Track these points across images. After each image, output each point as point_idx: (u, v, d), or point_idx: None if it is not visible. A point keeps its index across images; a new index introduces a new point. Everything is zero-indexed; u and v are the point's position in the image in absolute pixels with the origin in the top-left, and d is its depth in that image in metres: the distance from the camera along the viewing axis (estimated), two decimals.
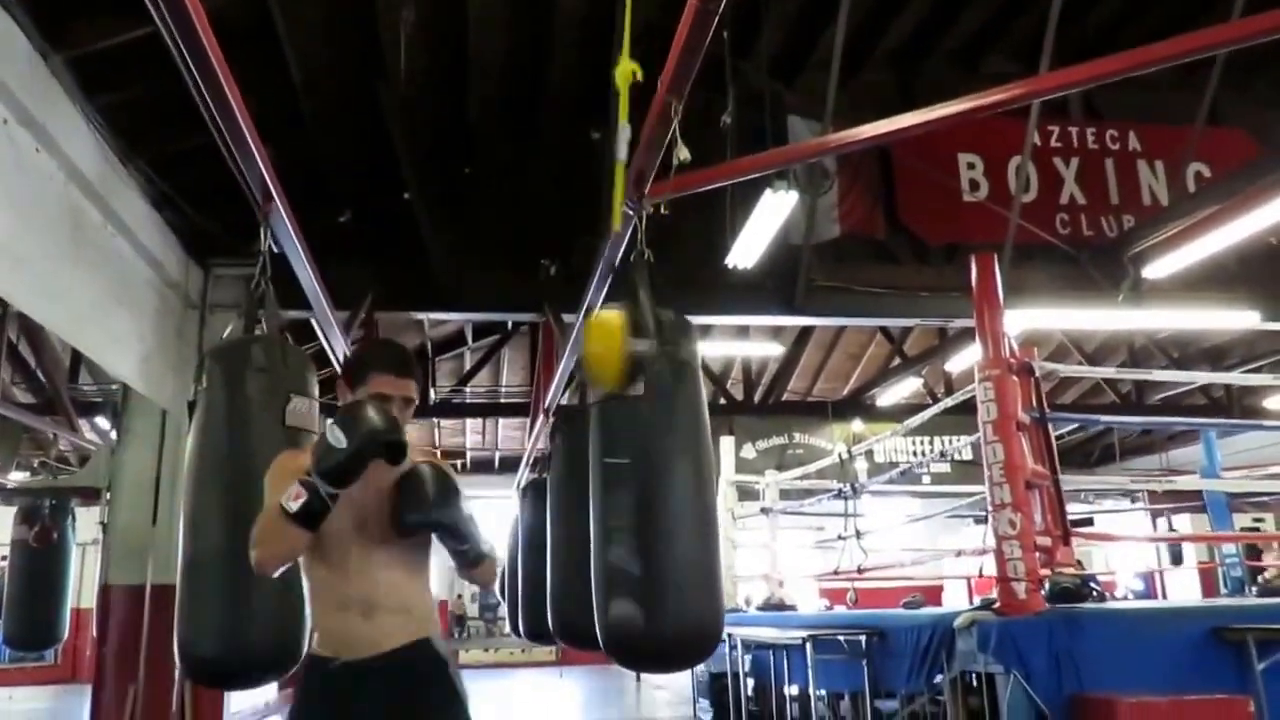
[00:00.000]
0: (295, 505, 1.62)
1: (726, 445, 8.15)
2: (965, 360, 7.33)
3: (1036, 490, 3.83)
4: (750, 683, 6.20)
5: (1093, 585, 4.06)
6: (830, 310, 5.90)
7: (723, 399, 9.37)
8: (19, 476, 8.93)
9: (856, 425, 9.16)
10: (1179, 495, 9.45)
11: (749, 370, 9.83)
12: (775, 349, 9.21)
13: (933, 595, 10.91)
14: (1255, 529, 9.44)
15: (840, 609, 8.35)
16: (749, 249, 4.90)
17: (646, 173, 2.83)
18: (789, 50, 5.64)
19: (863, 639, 4.52)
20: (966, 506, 6.73)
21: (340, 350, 4.42)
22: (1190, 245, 4.99)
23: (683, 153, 2.65)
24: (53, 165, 3.52)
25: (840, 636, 4.67)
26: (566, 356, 4.69)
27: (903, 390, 9.54)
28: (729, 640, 6.10)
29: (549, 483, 3.92)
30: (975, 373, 3.93)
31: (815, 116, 5.03)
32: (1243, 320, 6.16)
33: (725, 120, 4.34)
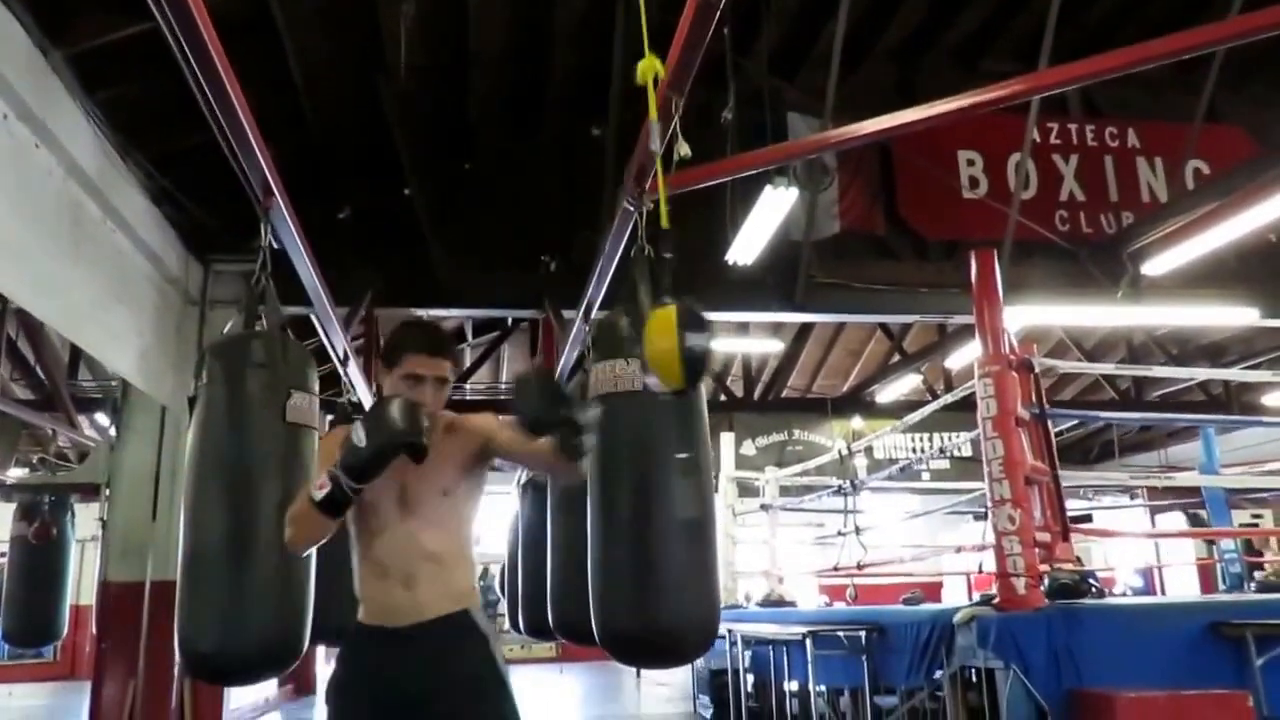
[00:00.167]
0: (320, 495, 1.69)
1: (727, 441, 8.14)
2: (965, 357, 7.33)
3: (1036, 486, 3.83)
4: (750, 679, 6.21)
5: (1092, 581, 4.06)
6: (830, 307, 5.90)
7: (723, 395, 9.37)
8: (18, 473, 8.93)
9: (856, 422, 9.15)
10: (1178, 491, 9.48)
11: (749, 367, 9.83)
12: (775, 345, 9.21)
13: (932, 591, 10.92)
14: (1254, 525, 9.45)
15: (840, 605, 8.36)
16: (749, 245, 4.90)
17: (647, 169, 2.83)
18: (789, 47, 5.63)
19: (862, 635, 4.52)
20: (966, 503, 6.75)
21: (340, 347, 4.42)
22: (1189, 242, 4.99)
23: (683, 149, 2.65)
24: (52, 161, 3.52)
25: (840, 632, 4.67)
26: (567, 353, 4.69)
27: (902, 387, 9.53)
28: (729, 636, 6.10)
29: (549, 479, 3.92)
30: (975, 369, 3.93)
31: (815, 113, 5.03)
32: (1241, 317, 6.16)
33: (726, 116, 4.34)
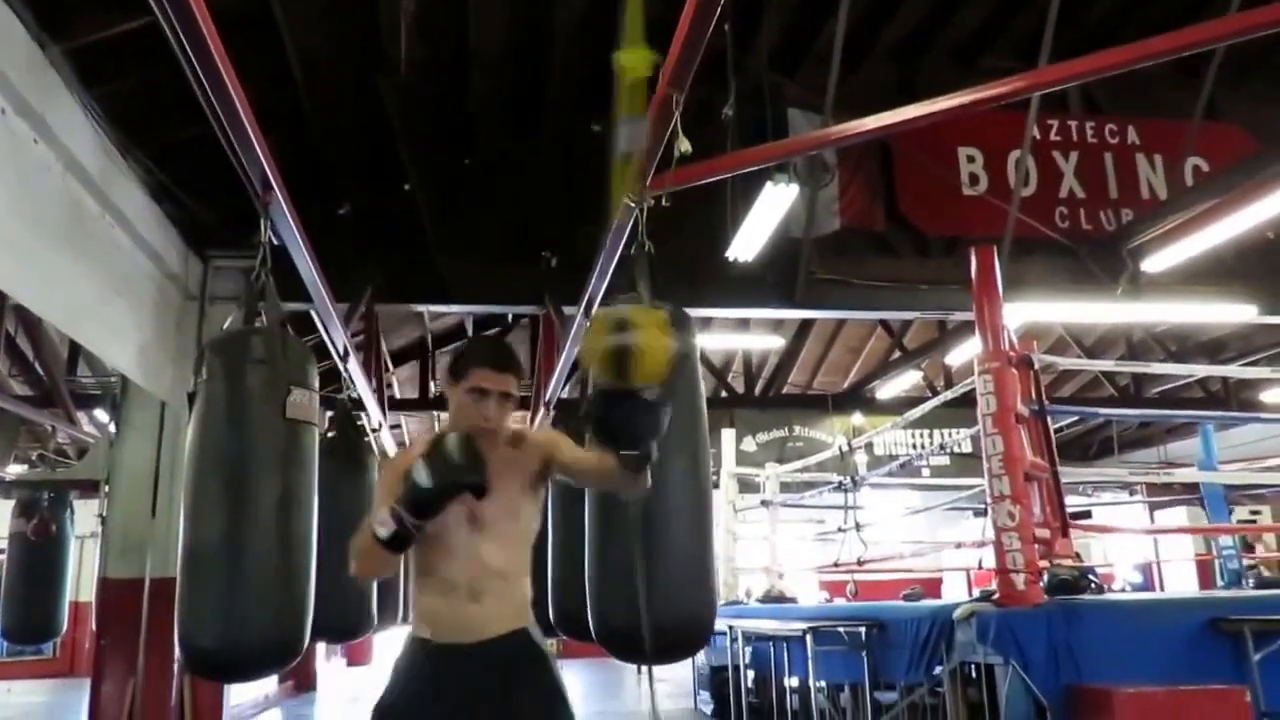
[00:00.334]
0: (384, 532, 1.71)
1: (727, 438, 8.14)
2: (965, 353, 7.34)
3: (1035, 482, 3.83)
4: (750, 674, 6.22)
5: (1091, 577, 4.07)
6: (830, 303, 5.89)
7: (724, 392, 9.37)
8: (17, 469, 8.93)
9: (856, 418, 9.16)
10: (1177, 488, 9.48)
11: (749, 363, 9.82)
12: (776, 342, 9.20)
13: (932, 587, 10.94)
14: (1252, 522, 9.47)
15: (840, 601, 8.37)
16: (749, 242, 4.89)
17: (647, 165, 2.83)
18: (790, 43, 5.62)
19: (862, 631, 4.53)
20: (966, 499, 6.77)
21: (340, 343, 4.41)
22: (1188, 239, 4.99)
23: (684, 145, 2.65)
24: (51, 156, 3.51)
25: (840, 628, 4.68)
26: (567, 349, 4.69)
27: (903, 383, 9.54)
28: (730, 633, 6.11)
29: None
30: (975, 366, 3.93)
31: (816, 109, 5.01)
32: (1240, 314, 6.16)
33: (726, 113, 4.33)
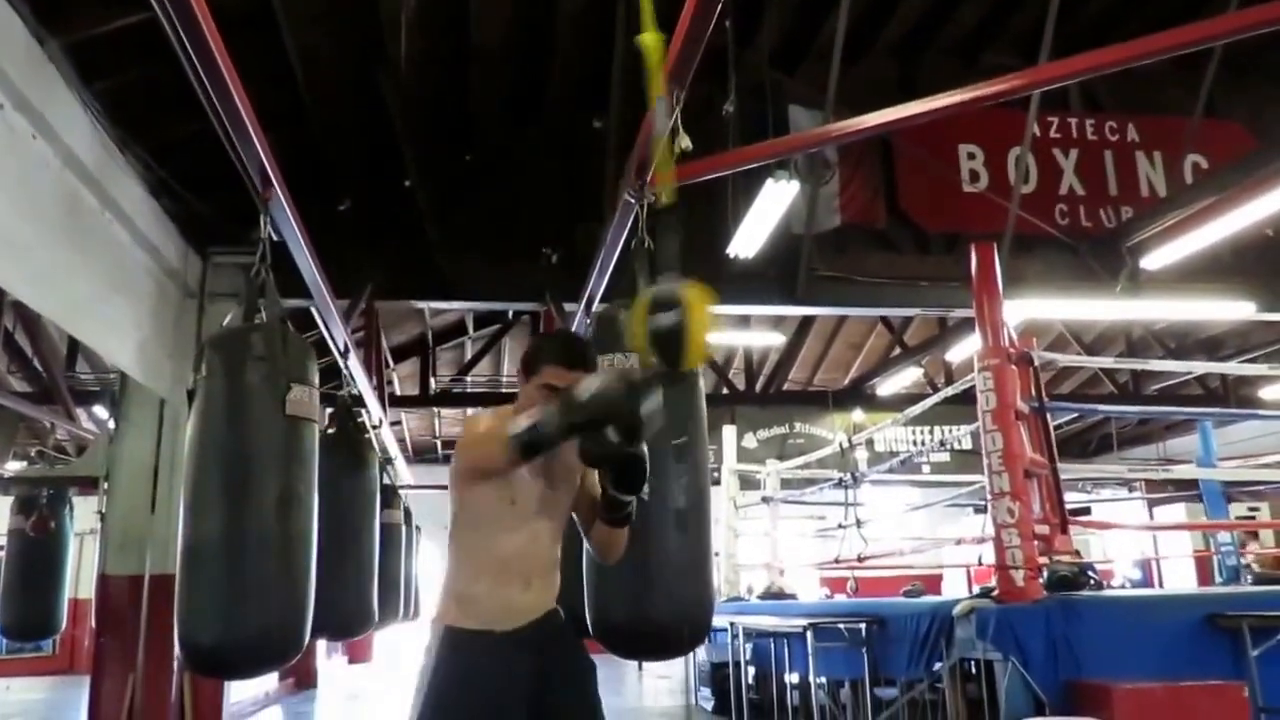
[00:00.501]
0: (520, 427, 1.65)
1: (728, 434, 8.15)
2: (965, 350, 7.33)
3: (1035, 479, 3.84)
4: (751, 671, 6.23)
5: (1090, 573, 4.07)
6: (831, 300, 5.90)
7: (725, 388, 9.37)
8: (16, 466, 8.92)
9: (857, 415, 9.17)
10: (1175, 484, 9.50)
11: (750, 360, 9.83)
12: (776, 338, 9.20)
13: (932, 584, 10.96)
14: (1251, 518, 9.49)
15: (841, 597, 8.39)
16: (750, 238, 4.89)
17: (648, 162, 2.82)
18: (791, 40, 5.61)
19: (863, 627, 4.54)
20: (966, 495, 6.78)
21: (341, 339, 4.41)
22: (1187, 236, 4.99)
23: (684, 142, 2.64)
24: (49, 151, 3.49)
25: (840, 625, 4.69)
26: None
27: (903, 380, 9.54)
28: (730, 629, 6.12)
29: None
30: (975, 362, 3.94)
31: (817, 106, 5.01)
32: (1238, 311, 6.16)
33: (727, 109, 4.32)
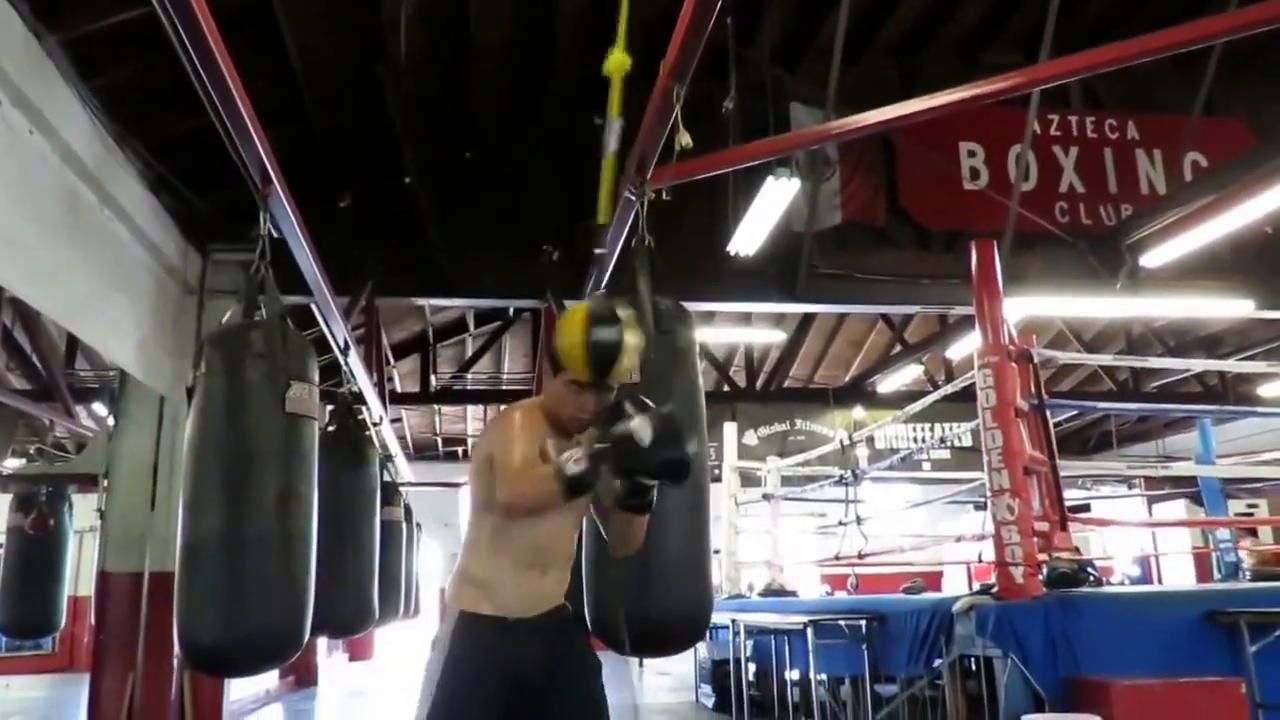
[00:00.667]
0: (575, 469, 1.69)
1: (729, 432, 8.15)
2: (966, 347, 7.34)
3: (1035, 476, 3.84)
4: (752, 668, 6.24)
5: (1090, 570, 4.08)
6: (832, 297, 5.90)
7: (726, 386, 9.37)
8: (15, 463, 8.91)
9: (858, 412, 9.17)
10: (1174, 481, 9.51)
11: (751, 357, 9.82)
12: (777, 336, 9.20)
13: (933, 580, 10.97)
14: (1249, 515, 9.50)
15: (841, 594, 8.39)
16: (751, 236, 4.88)
17: (648, 159, 2.82)
18: (791, 37, 5.60)
19: (863, 624, 4.55)
20: (966, 492, 6.77)
21: (341, 336, 4.40)
22: (1187, 234, 4.98)
23: (684, 139, 2.64)
24: (47, 147, 3.48)
25: (841, 621, 4.69)
26: None
27: (904, 377, 9.55)
28: (731, 626, 6.13)
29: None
30: (975, 360, 3.94)
31: (818, 103, 5.00)
32: (1237, 309, 6.17)
33: (727, 107, 4.31)
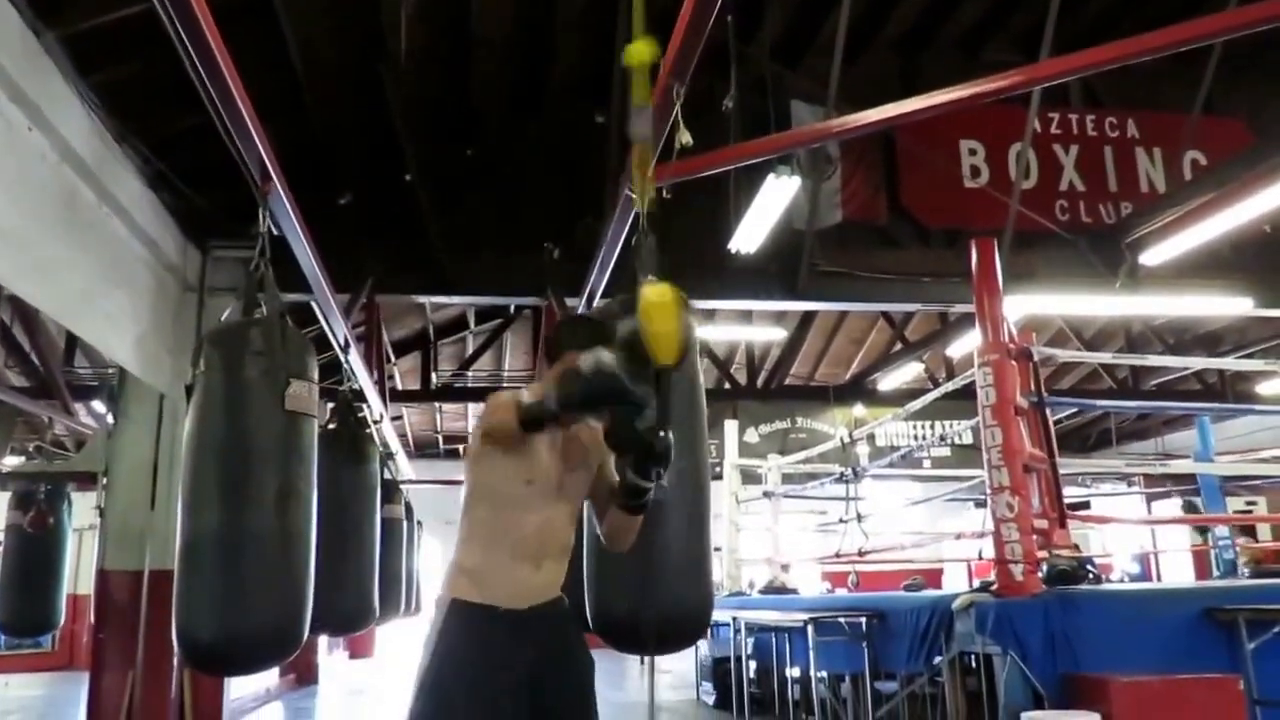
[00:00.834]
0: (529, 401, 1.76)
1: (730, 429, 8.16)
2: (966, 345, 7.33)
3: (1034, 474, 3.84)
4: (753, 665, 6.25)
5: (1089, 567, 4.08)
6: (832, 295, 5.90)
7: (726, 383, 9.36)
8: (14, 461, 8.90)
9: (858, 410, 9.17)
10: (1174, 479, 9.52)
11: (752, 355, 9.81)
12: (778, 333, 9.20)
13: (933, 578, 10.99)
14: (1248, 512, 9.52)
15: (842, 592, 8.41)
16: (752, 234, 4.87)
17: (649, 156, 2.81)
18: (792, 35, 5.59)
19: (863, 621, 4.56)
20: (966, 490, 6.77)
21: (341, 334, 4.39)
22: (1186, 232, 4.98)
23: (685, 137, 2.63)
24: (45, 144, 3.47)
25: (841, 619, 4.70)
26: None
27: (904, 375, 9.55)
28: (732, 623, 6.14)
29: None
30: (975, 357, 3.94)
31: (818, 101, 4.99)
32: (1236, 306, 6.18)
33: (728, 104, 4.30)
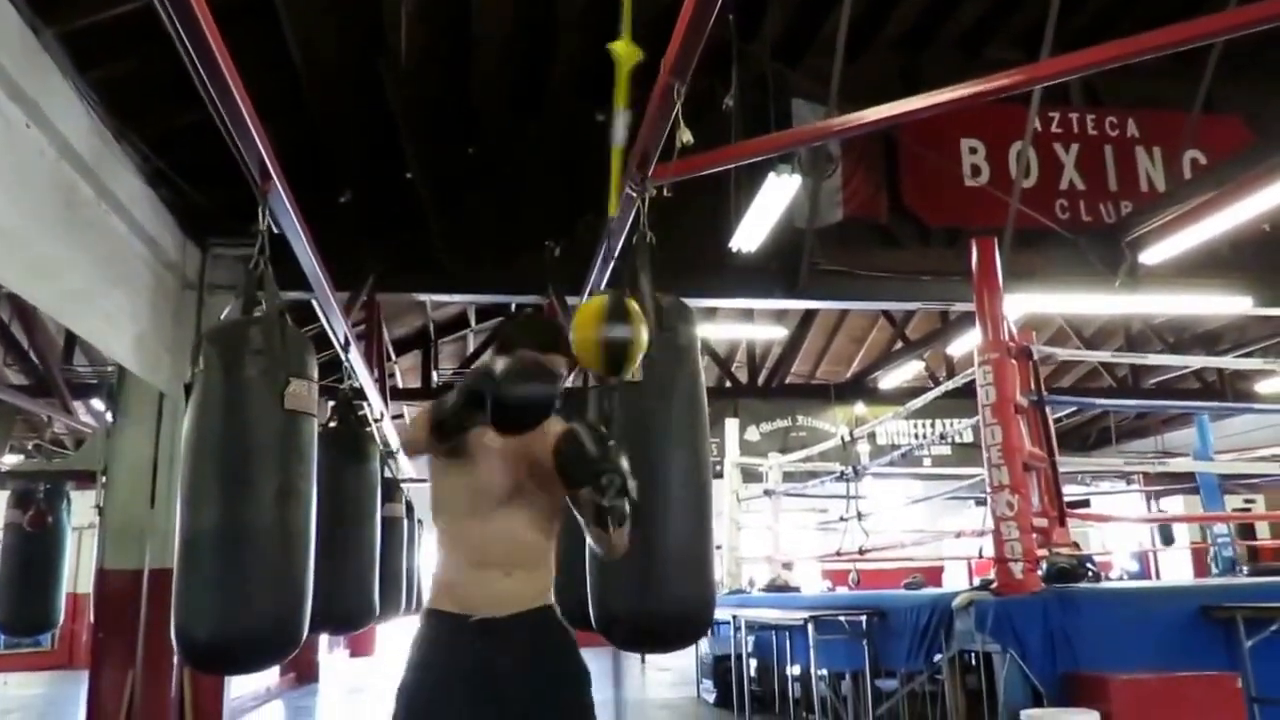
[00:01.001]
0: (438, 409, 1.74)
1: (731, 428, 8.16)
2: (967, 344, 7.34)
3: (1034, 472, 3.85)
4: (753, 663, 6.26)
5: (1089, 565, 4.09)
6: (833, 293, 5.89)
7: (727, 382, 9.37)
8: (13, 459, 8.89)
9: (859, 408, 9.18)
10: (1173, 477, 9.53)
11: (753, 353, 9.81)
12: (779, 332, 9.20)
13: (933, 576, 11.00)
14: (1247, 510, 9.54)
15: (842, 590, 8.42)
16: (752, 232, 4.87)
17: (649, 155, 2.81)
18: (793, 33, 5.58)
19: (863, 619, 4.57)
20: (966, 488, 6.78)
21: (341, 332, 4.39)
22: (1186, 231, 4.99)
23: (685, 135, 2.63)
24: (44, 141, 3.45)
25: (841, 617, 4.71)
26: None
27: (905, 373, 9.56)
28: (733, 622, 6.14)
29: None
30: (975, 356, 3.94)
31: (820, 100, 4.99)
32: (1236, 305, 6.18)
33: (729, 103, 4.30)
